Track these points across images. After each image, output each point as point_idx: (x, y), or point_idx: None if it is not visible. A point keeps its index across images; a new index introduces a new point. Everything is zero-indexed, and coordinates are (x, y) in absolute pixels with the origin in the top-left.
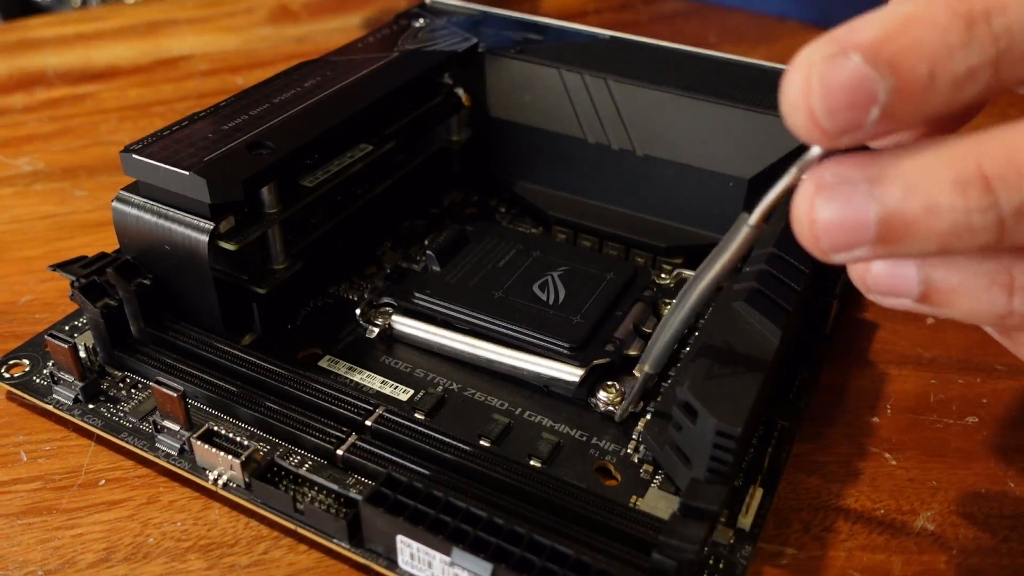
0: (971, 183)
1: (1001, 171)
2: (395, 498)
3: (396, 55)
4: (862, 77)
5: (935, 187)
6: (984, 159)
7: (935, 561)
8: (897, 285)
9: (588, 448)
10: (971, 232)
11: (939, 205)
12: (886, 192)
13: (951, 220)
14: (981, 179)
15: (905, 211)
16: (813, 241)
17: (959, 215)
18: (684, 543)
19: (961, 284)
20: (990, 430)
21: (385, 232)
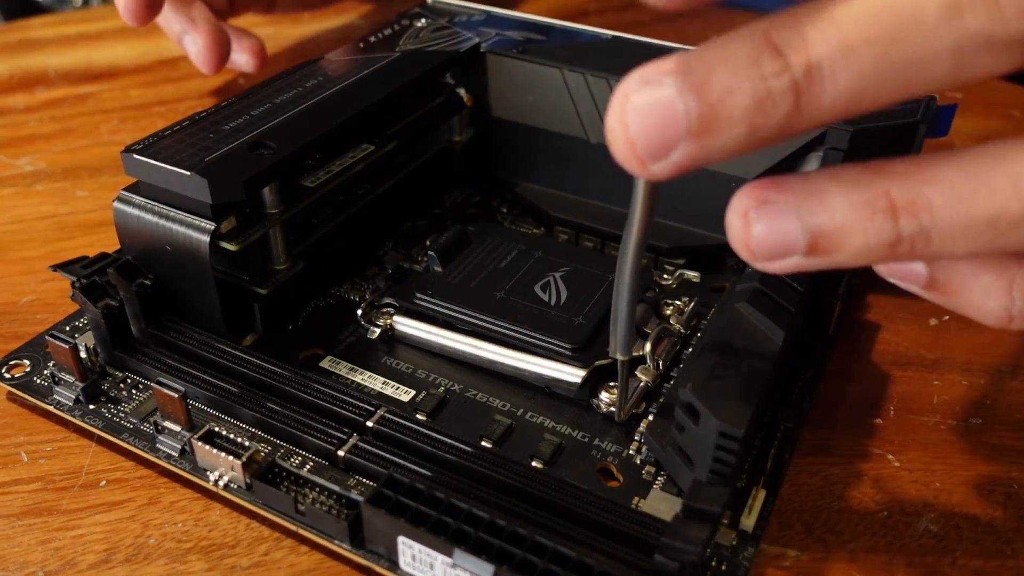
0: (762, 52)
1: (787, 38)
2: (396, 499)
3: (397, 55)
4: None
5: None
6: (771, 30)
7: (938, 563)
8: (782, 240)
9: (590, 449)
10: (772, 101)
11: (738, 78)
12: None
13: (751, 90)
14: (771, 47)
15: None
16: (629, 147)
17: (757, 83)
18: (686, 545)
19: (843, 220)
20: (993, 432)
21: (387, 232)
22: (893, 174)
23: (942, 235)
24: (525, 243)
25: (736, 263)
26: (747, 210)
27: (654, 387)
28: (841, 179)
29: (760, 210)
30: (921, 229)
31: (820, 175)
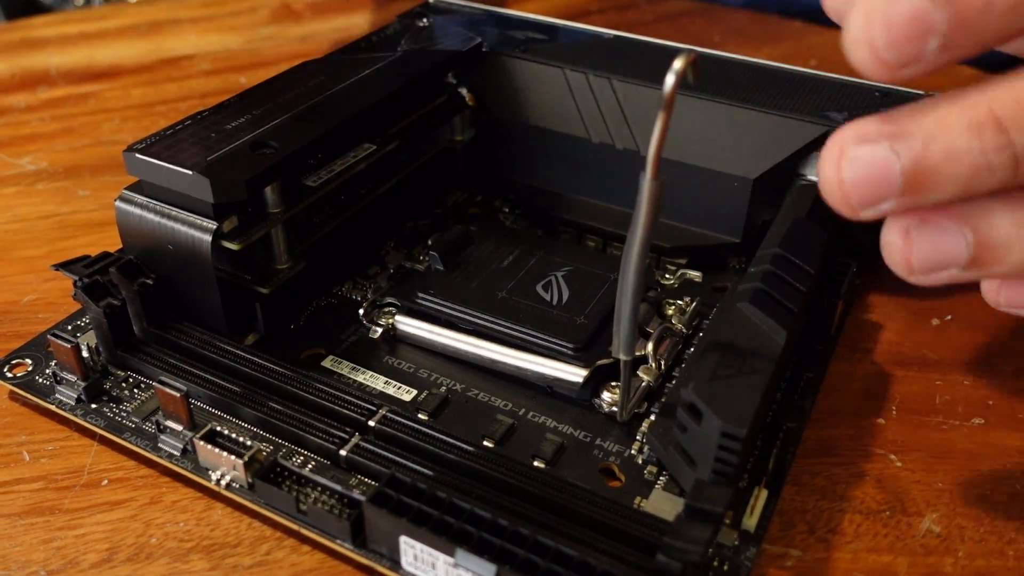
0: (985, 125)
1: (1011, 113)
2: (398, 499)
3: (399, 54)
4: (920, 9)
5: (952, 133)
6: (994, 104)
7: (941, 563)
8: (944, 255)
9: (592, 449)
10: (990, 171)
11: (957, 149)
12: (907, 144)
13: (970, 162)
14: (993, 121)
15: (927, 159)
16: (843, 199)
17: (976, 156)
18: (688, 545)
19: (1008, 234)
20: (996, 431)
21: (388, 232)
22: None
23: None
24: (527, 243)
25: (738, 263)
26: (907, 228)
27: (656, 387)
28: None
29: (922, 228)
30: None
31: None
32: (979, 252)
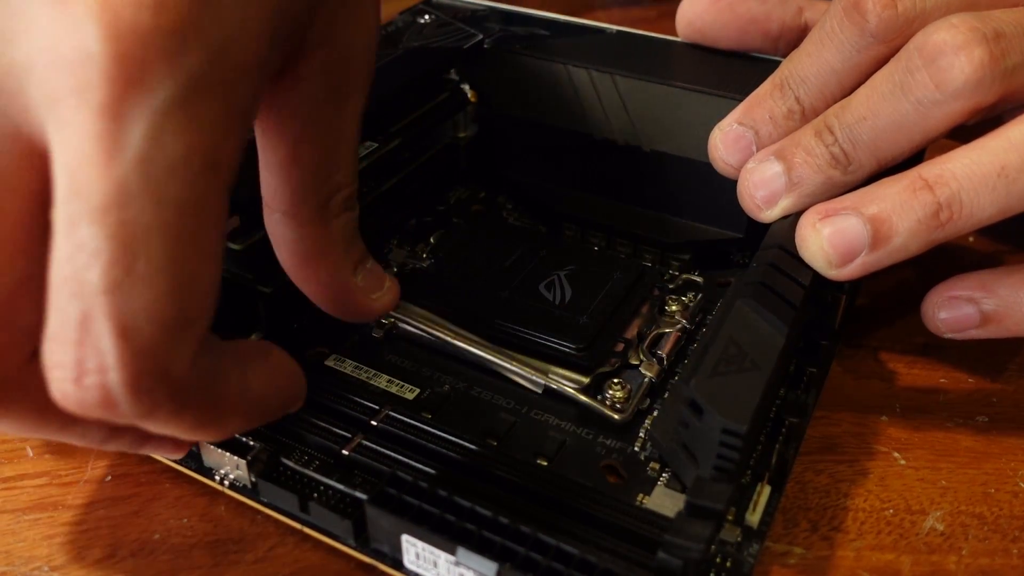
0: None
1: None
2: (400, 498)
3: (401, 52)
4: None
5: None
6: (922, 171)
7: (944, 562)
8: (848, 241)
9: (594, 446)
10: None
11: (900, 206)
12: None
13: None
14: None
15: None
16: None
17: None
18: (690, 542)
19: (893, 204)
20: (1000, 429)
21: (391, 230)
22: (921, 164)
23: (969, 196)
24: (530, 241)
25: (741, 258)
26: (813, 221)
27: (658, 383)
28: (883, 179)
29: (825, 219)
30: (953, 194)
31: (870, 185)
32: (876, 227)
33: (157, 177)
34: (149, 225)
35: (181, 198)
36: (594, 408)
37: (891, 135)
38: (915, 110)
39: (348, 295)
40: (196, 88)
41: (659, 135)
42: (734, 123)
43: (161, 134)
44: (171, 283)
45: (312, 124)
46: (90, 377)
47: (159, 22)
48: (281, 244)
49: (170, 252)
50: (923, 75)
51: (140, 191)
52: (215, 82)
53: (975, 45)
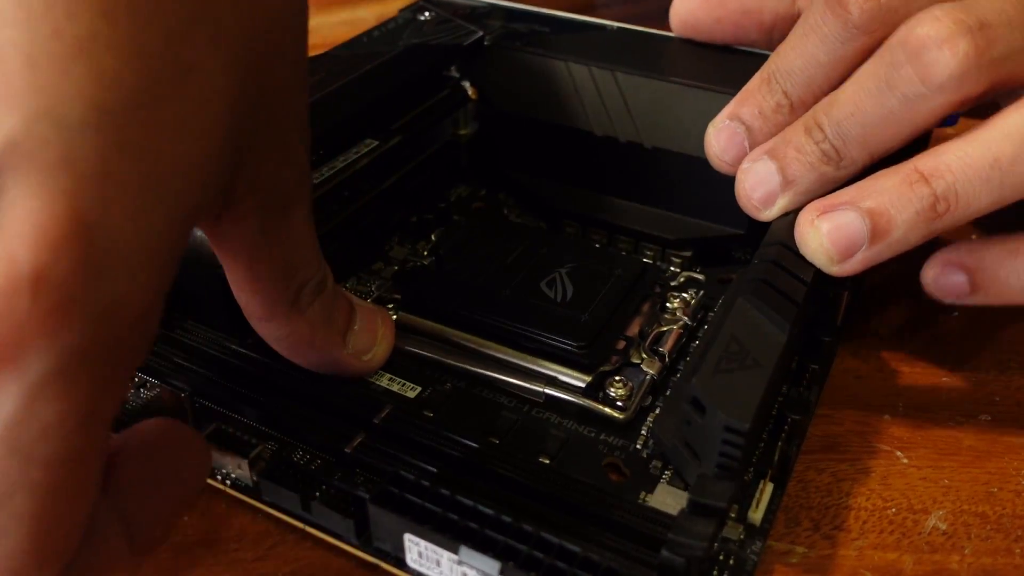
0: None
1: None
2: (402, 497)
3: (401, 49)
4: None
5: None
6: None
7: (947, 561)
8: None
9: (596, 444)
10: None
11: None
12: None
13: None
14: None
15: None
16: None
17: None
18: (693, 540)
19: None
20: (1003, 428)
21: (392, 227)
22: (916, 156)
23: (964, 187)
24: (531, 239)
25: (743, 254)
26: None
27: (660, 381)
28: (879, 172)
29: (823, 215)
30: (948, 186)
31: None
32: (874, 220)
33: (25, 442)
34: (14, 484)
35: (51, 456)
36: (596, 409)
37: (880, 130)
38: (902, 105)
39: (344, 366)
40: (74, 359)
41: (660, 132)
42: (726, 119)
43: (33, 404)
44: (33, 535)
45: (260, 246)
46: None
47: (37, 307)
48: (270, 341)
49: (35, 507)
50: (908, 70)
51: (6, 455)
52: (98, 348)
53: (959, 38)
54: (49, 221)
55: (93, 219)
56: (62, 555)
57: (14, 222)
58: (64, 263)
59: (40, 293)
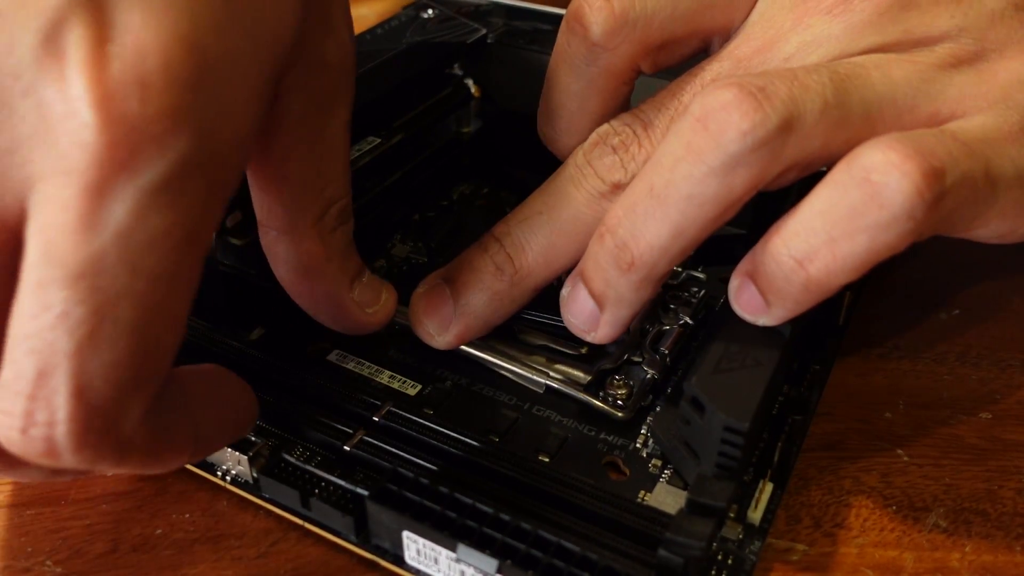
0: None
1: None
2: (401, 494)
3: (404, 47)
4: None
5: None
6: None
7: (947, 558)
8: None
9: (596, 443)
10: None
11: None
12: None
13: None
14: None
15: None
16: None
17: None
18: (691, 540)
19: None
20: (1004, 426)
21: (395, 225)
22: None
23: (633, 225)
24: None
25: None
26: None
27: (660, 380)
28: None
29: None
30: (624, 230)
31: None
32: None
33: (135, 250)
34: (120, 292)
35: (156, 270)
36: (596, 407)
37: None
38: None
39: (344, 309)
40: (183, 170)
41: None
42: None
43: (144, 212)
44: (133, 348)
45: (298, 139)
46: (37, 429)
47: (150, 110)
48: (278, 261)
49: (137, 319)
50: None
51: (116, 262)
52: (203, 162)
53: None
54: (150, 33)
55: (189, 34)
56: (154, 381)
57: (126, 34)
58: (171, 70)
59: (148, 97)
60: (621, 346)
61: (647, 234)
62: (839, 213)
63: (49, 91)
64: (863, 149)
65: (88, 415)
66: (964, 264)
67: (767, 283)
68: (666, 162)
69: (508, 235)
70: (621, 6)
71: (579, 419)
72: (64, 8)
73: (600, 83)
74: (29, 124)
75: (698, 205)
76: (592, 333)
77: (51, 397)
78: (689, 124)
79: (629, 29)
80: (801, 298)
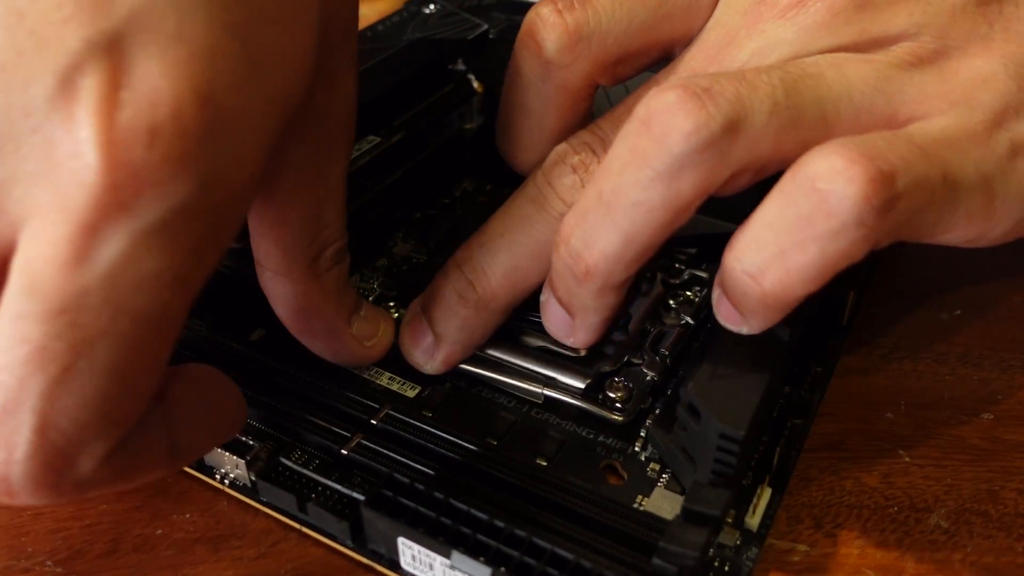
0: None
1: None
2: (396, 500)
3: (405, 44)
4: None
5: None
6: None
7: (949, 559)
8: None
9: (595, 446)
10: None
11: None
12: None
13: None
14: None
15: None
16: None
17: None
18: (685, 548)
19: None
20: (1006, 427)
21: (396, 223)
22: None
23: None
24: None
25: None
26: None
27: (660, 382)
28: None
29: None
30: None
31: None
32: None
33: (122, 290)
34: (100, 331)
35: (141, 311)
36: (594, 412)
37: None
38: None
39: (343, 345)
40: (181, 215)
41: None
42: None
43: (136, 253)
44: (105, 390)
45: (298, 185)
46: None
47: (155, 156)
48: (276, 300)
49: (114, 360)
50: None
51: (100, 300)
52: (202, 210)
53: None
54: (165, 83)
55: (204, 87)
56: (124, 423)
57: (142, 82)
58: (178, 120)
59: (156, 145)
60: (621, 348)
61: (599, 243)
62: (787, 224)
63: (58, 131)
64: (809, 156)
65: (48, 455)
66: (965, 264)
67: (732, 296)
68: (613, 167)
69: (468, 260)
70: (575, 21)
71: (578, 422)
72: (85, 52)
73: (557, 100)
74: (34, 161)
75: (646, 211)
76: (570, 339)
77: (11, 434)
78: (634, 128)
79: (584, 45)
80: (765, 311)
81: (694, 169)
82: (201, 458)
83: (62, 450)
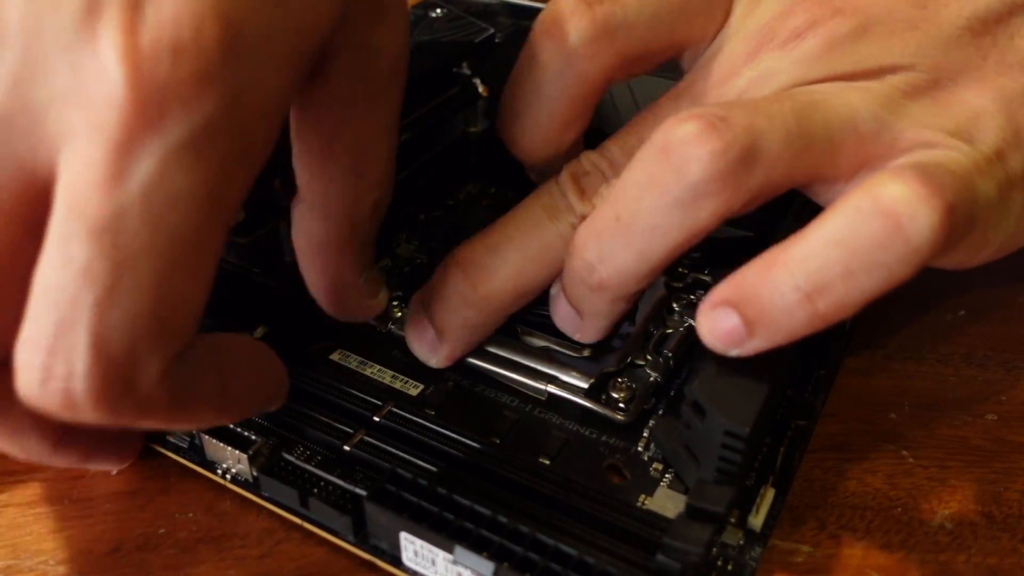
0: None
1: None
2: (398, 495)
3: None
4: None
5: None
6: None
7: (953, 561)
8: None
9: (598, 445)
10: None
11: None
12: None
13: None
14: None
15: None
16: None
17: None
18: (689, 545)
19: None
20: (1009, 427)
21: (400, 224)
22: None
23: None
24: None
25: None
26: None
27: (664, 383)
28: None
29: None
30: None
31: None
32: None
33: (157, 207)
34: (141, 248)
35: (177, 227)
36: (598, 412)
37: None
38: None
39: (348, 293)
40: (208, 131)
41: None
42: None
43: (168, 169)
44: (152, 305)
45: (345, 122)
46: (56, 382)
47: (180, 72)
48: (300, 230)
49: (157, 276)
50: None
51: (138, 218)
52: (230, 126)
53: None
54: (186, 3)
55: (224, 7)
56: (174, 340)
57: (163, 3)
58: (199, 38)
59: (179, 62)
60: (624, 348)
61: (615, 260)
62: (858, 244)
63: (85, 50)
64: (883, 179)
65: (106, 369)
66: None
67: (759, 314)
68: (631, 192)
69: (471, 261)
70: (603, 14)
71: (581, 422)
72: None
73: (572, 91)
74: (65, 81)
75: (663, 235)
76: (577, 334)
77: (70, 350)
78: (652, 154)
79: (608, 39)
80: (797, 332)
81: (712, 197)
82: (203, 453)
83: (118, 363)
